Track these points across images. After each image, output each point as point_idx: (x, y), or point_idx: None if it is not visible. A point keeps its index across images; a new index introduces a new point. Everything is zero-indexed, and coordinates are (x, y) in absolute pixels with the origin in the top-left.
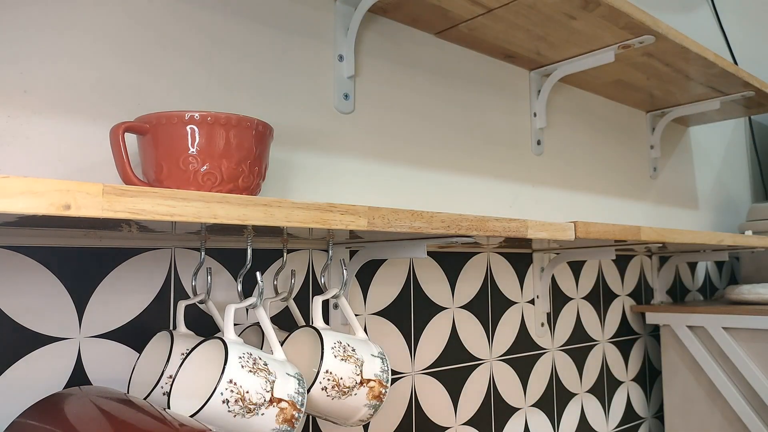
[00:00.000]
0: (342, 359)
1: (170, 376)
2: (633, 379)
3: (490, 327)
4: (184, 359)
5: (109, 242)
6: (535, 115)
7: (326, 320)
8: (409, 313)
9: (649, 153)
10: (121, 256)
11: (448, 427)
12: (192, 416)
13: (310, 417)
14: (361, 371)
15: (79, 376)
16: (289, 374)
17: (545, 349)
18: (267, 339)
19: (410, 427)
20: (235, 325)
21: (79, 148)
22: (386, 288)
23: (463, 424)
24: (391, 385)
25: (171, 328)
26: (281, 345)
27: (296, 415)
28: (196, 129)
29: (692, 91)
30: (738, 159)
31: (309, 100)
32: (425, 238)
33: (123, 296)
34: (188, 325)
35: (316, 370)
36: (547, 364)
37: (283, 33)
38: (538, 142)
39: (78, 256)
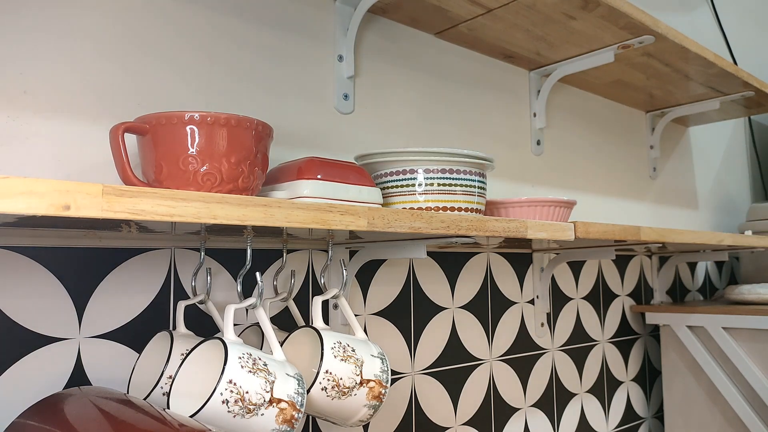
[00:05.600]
0: (342, 359)
1: (170, 377)
2: (633, 379)
3: (490, 327)
4: (184, 359)
5: (108, 242)
6: (534, 115)
7: (326, 320)
8: (409, 313)
9: (649, 153)
10: (121, 256)
11: (448, 427)
12: (192, 416)
13: (310, 417)
14: (360, 371)
15: (79, 376)
16: (288, 374)
17: (545, 349)
18: (267, 339)
19: (410, 427)
20: (234, 325)
21: (79, 149)
22: (386, 288)
23: (463, 424)
24: (391, 385)
25: (171, 328)
26: (281, 345)
27: (296, 415)
28: (196, 129)
29: (692, 91)
30: (738, 159)
31: (309, 100)
32: (425, 238)
33: (123, 296)
34: (188, 326)
35: (316, 371)
36: (546, 364)
37: (283, 33)
38: (538, 142)
39: (78, 256)
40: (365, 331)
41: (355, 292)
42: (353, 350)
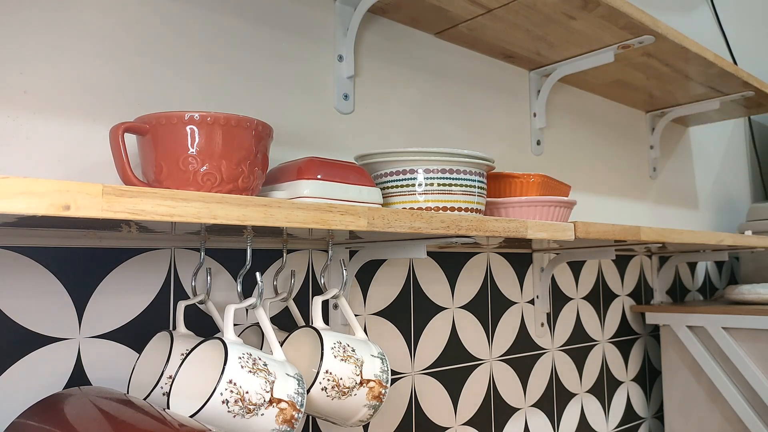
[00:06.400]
0: (342, 359)
1: (170, 377)
2: (633, 379)
3: (490, 327)
4: (184, 359)
5: (108, 242)
6: (534, 115)
7: (326, 320)
8: (409, 313)
9: (649, 153)
10: (121, 256)
11: (448, 427)
12: (192, 416)
13: (310, 417)
14: (360, 371)
15: (79, 376)
16: (288, 375)
17: (545, 349)
18: (267, 339)
19: (410, 427)
20: (234, 325)
21: (79, 149)
22: (386, 288)
23: (463, 424)
24: (391, 385)
25: (171, 328)
26: (281, 345)
27: (296, 415)
28: (196, 129)
29: (692, 91)
30: (738, 159)
31: (309, 100)
32: (425, 238)
33: (123, 296)
34: (188, 326)
35: (316, 371)
36: (547, 364)
37: (283, 33)
38: (538, 142)
39: (78, 256)
40: (365, 331)
41: (355, 292)
42: (353, 350)
